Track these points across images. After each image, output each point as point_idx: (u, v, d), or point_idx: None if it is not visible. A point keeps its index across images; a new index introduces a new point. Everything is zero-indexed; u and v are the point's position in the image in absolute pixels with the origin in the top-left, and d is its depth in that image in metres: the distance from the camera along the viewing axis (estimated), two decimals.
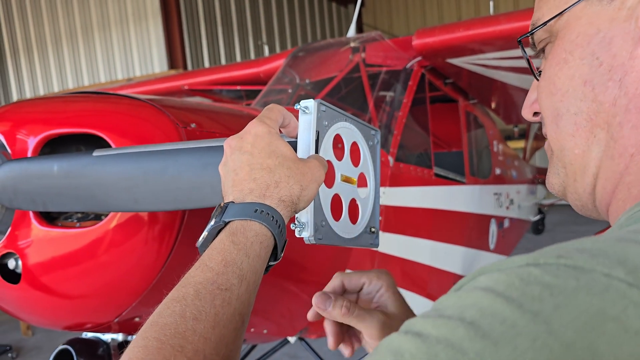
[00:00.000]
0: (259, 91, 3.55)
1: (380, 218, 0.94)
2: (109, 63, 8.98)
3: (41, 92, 9.38)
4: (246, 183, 0.72)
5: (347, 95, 3.00)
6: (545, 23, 0.62)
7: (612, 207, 0.60)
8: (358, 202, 0.89)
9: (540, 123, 0.69)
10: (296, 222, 0.77)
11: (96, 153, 0.99)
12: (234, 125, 1.51)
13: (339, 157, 0.83)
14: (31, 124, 1.31)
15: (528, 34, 0.66)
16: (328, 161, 0.80)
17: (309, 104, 0.76)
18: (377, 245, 0.93)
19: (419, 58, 2.99)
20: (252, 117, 1.69)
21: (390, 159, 2.51)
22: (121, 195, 0.97)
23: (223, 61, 9.33)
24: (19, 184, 1.10)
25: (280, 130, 0.78)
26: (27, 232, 1.31)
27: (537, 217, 8.32)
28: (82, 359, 1.54)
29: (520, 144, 9.00)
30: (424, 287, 3.04)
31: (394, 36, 3.71)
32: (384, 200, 2.42)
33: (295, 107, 0.76)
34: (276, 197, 0.71)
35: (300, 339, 3.35)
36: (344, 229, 0.84)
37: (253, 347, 3.07)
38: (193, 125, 1.29)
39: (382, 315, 0.80)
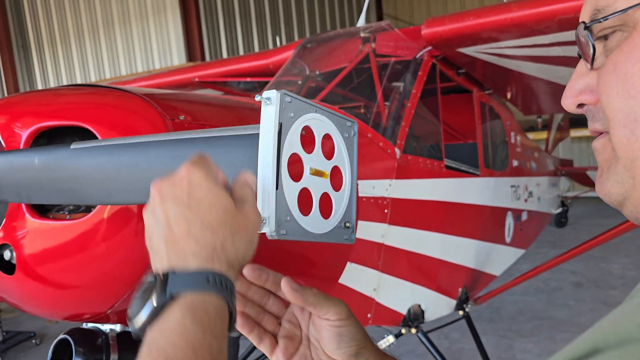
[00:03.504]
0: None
1: (356, 212, 0.92)
2: (130, 56, 9.09)
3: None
4: (185, 243, 0.63)
5: (357, 86, 2.97)
6: (624, 10, 0.54)
7: None
8: (332, 196, 0.88)
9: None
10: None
11: (74, 146, 0.99)
12: (227, 117, 1.51)
13: (309, 150, 0.82)
14: (23, 117, 1.32)
15: (601, 19, 0.57)
16: (295, 154, 0.79)
17: (272, 94, 0.75)
18: (352, 241, 0.91)
19: (429, 48, 2.94)
20: (252, 109, 1.67)
21: (397, 151, 2.48)
22: (95, 188, 0.97)
23: (241, 53, 9.36)
24: (4, 176, 1.11)
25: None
26: (21, 224, 1.32)
27: (560, 210, 8.18)
28: (80, 349, 1.56)
29: (543, 135, 8.83)
30: (435, 281, 3.01)
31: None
32: (391, 193, 2.39)
33: (256, 99, 0.75)
34: (224, 261, 0.63)
35: None
36: (314, 223, 0.82)
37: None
38: (182, 117, 1.28)
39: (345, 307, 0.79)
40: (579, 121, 11.07)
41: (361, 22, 3.50)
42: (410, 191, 2.58)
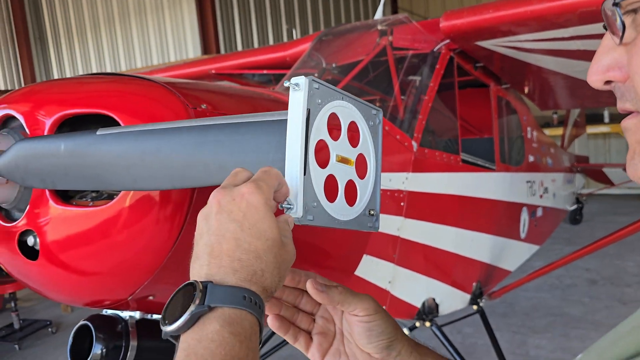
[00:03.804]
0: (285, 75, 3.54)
1: (380, 200, 0.92)
2: (145, 48, 9.14)
3: None
4: (228, 259, 0.65)
5: (374, 79, 2.97)
6: None
7: None
8: (357, 184, 0.88)
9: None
10: (286, 202, 0.76)
11: (99, 132, 1.00)
12: (246, 107, 1.51)
13: (335, 137, 0.82)
14: (47, 105, 1.33)
15: None
16: (322, 140, 0.79)
17: (300, 80, 0.75)
18: (376, 229, 0.91)
19: (447, 41, 2.93)
20: (271, 100, 1.67)
21: (414, 144, 2.47)
22: (121, 174, 0.98)
23: (256, 46, 9.37)
24: (30, 162, 1.12)
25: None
26: (44, 211, 1.34)
27: (575, 207, 8.12)
28: (101, 335, 1.57)
29: (559, 131, 8.76)
30: (449, 275, 3.01)
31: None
32: (407, 186, 2.39)
33: (285, 84, 0.75)
34: (261, 285, 0.66)
35: None
36: (339, 210, 0.83)
37: (273, 333, 3.09)
38: (204, 106, 1.29)
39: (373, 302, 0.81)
40: (595, 118, 10.96)
41: (378, 14, 3.49)
42: (427, 184, 2.58)
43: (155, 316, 1.72)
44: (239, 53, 4.23)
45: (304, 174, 0.74)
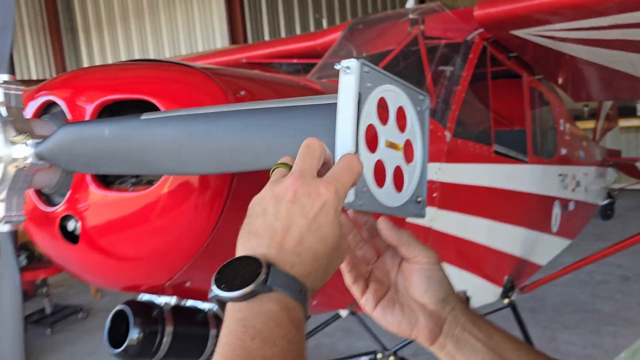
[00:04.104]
0: (315, 64, 3.53)
1: (427, 188, 0.91)
2: (174, 39, 9.21)
3: None
4: (289, 251, 0.67)
5: (405, 69, 2.93)
6: None
7: None
8: (404, 170, 0.87)
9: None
10: None
11: (144, 116, 1.00)
12: (286, 94, 1.51)
13: (384, 121, 0.80)
14: (88, 91, 1.35)
15: None
16: (371, 125, 0.77)
17: (351, 63, 0.74)
18: (423, 216, 0.90)
19: (481, 30, 2.87)
20: (305, 88, 1.66)
21: (447, 134, 2.44)
22: (168, 158, 0.98)
23: (283, 35, 9.36)
24: (74, 147, 1.13)
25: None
26: (85, 195, 1.36)
27: (606, 202, 7.95)
28: (137, 320, 1.59)
29: (590, 124, 8.58)
30: (481, 268, 2.98)
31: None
32: (440, 177, 2.36)
33: (335, 67, 0.74)
34: (311, 284, 0.68)
35: (352, 313, 3.37)
36: (388, 196, 0.81)
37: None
38: (242, 92, 1.29)
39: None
40: (628, 111, 10.70)
41: (410, 3, 3.44)
42: (459, 175, 2.55)
43: (189, 302, 1.73)
44: (270, 42, 4.24)
45: None
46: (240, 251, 0.69)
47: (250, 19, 8.61)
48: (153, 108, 1.28)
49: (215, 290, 0.64)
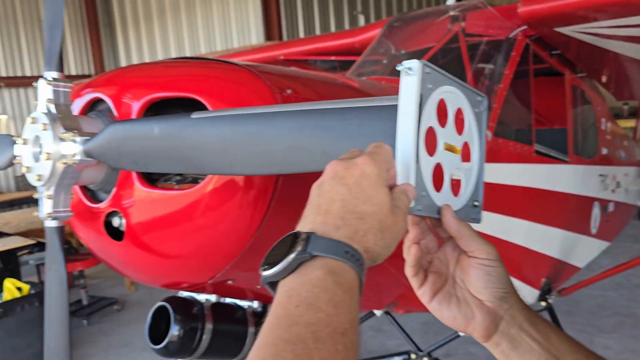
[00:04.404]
0: (353, 62, 3.50)
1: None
2: (209, 35, 9.28)
3: None
4: (332, 218, 0.66)
5: (445, 67, 2.87)
6: None
7: None
8: (461, 173, 0.84)
9: None
10: None
11: (194, 115, 1.00)
12: (328, 93, 1.49)
13: (442, 123, 0.78)
14: (135, 88, 1.35)
15: None
16: (431, 127, 0.75)
17: (413, 64, 0.72)
18: (479, 221, 0.88)
19: (524, 27, 2.80)
20: (344, 86, 1.64)
21: (489, 133, 2.39)
22: (217, 158, 0.97)
23: (318, 32, 9.34)
24: (123, 145, 1.13)
25: None
26: (130, 192, 1.36)
27: None
28: (178, 316, 1.60)
29: (629, 123, 8.35)
30: (518, 270, 2.92)
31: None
32: None
33: (397, 68, 0.72)
34: (362, 246, 0.66)
35: (386, 312, 3.34)
36: (445, 201, 0.79)
37: None
38: (289, 91, 1.28)
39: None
40: None
41: (451, 0, 3.38)
42: (500, 175, 2.50)
43: (228, 299, 1.73)
44: (308, 39, 4.22)
45: (416, 162, 0.71)
46: None
47: (285, 15, 8.62)
48: (199, 106, 1.28)
49: (263, 273, 0.65)
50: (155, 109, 1.37)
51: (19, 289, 4.15)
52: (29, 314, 4.05)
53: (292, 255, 0.62)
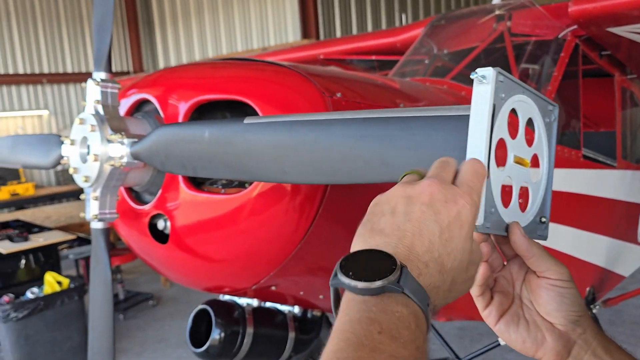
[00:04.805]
0: (392, 61, 3.44)
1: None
2: (246, 32, 9.31)
3: (184, 60, 9.98)
4: (416, 258, 0.61)
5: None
6: None
7: None
8: (529, 188, 0.79)
9: None
10: None
11: (247, 121, 0.97)
12: (377, 96, 1.45)
13: (513, 134, 0.73)
14: (182, 89, 1.33)
15: None
16: (501, 139, 0.70)
17: (487, 72, 0.67)
18: (546, 238, 0.82)
19: (574, 27, 2.70)
20: (393, 90, 1.59)
21: None
22: (270, 166, 0.94)
23: (354, 31, 9.27)
24: (171, 148, 1.12)
25: None
26: (175, 195, 1.35)
27: None
28: (219, 320, 1.59)
29: None
30: None
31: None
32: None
33: (471, 76, 0.67)
34: (433, 300, 0.62)
35: None
36: (512, 217, 0.74)
37: None
38: (338, 94, 1.24)
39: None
40: None
41: None
42: None
43: (269, 304, 1.71)
44: (347, 38, 4.18)
45: (487, 177, 0.67)
46: (361, 247, 0.64)
47: (322, 13, 8.58)
48: (245, 108, 1.26)
49: (341, 277, 0.59)
50: (199, 110, 1.35)
51: (59, 282, 4.23)
52: (68, 308, 4.13)
53: (384, 281, 0.58)
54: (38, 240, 4.87)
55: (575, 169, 2.72)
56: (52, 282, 4.22)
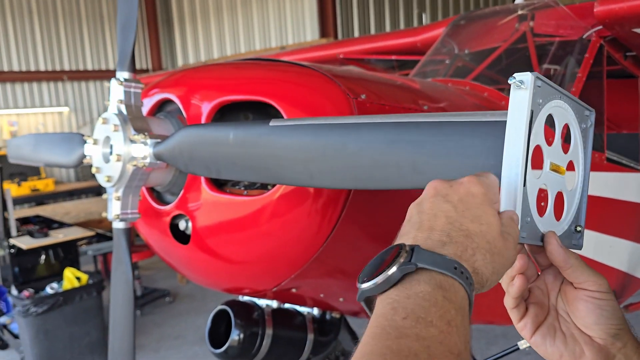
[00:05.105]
0: (412, 61, 3.41)
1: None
2: (264, 31, 9.32)
3: (202, 59, 10.01)
4: (437, 234, 0.61)
5: (510, 69, 2.77)
6: None
7: None
8: (564, 195, 0.77)
9: None
10: None
11: (272, 123, 0.96)
12: (400, 98, 1.43)
13: (549, 141, 0.71)
14: (206, 90, 1.33)
15: None
16: (538, 146, 0.68)
17: (525, 77, 0.65)
18: (581, 247, 0.80)
19: (599, 27, 2.66)
20: (415, 91, 1.56)
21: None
22: (296, 169, 0.92)
23: (372, 30, 9.23)
24: (195, 149, 1.11)
25: None
26: (197, 196, 1.35)
27: None
28: (239, 321, 1.58)
29: None
30: None
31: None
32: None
33: (509, 81, 0.65)
34: (471, 265, 0.59)
35: None
36: (548, 226, 0.72)
37: None
38: (363, 96, 1.22)
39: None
40: None
41: None
42: None
43: (288, 305, 1.70)
44: (367, 37, 4.15)
45: (524, 185, 0.65)
46: None
47: (340, 12, 8.56)
48: (268, 109, 1.25)
49: (360, 287, 0.59)
50: (221, 111, 1.34)
51: (78, 278, 4.27)
52: (87, 303, 4.16)
53: (394, 267, 0.57)
54: (58, 236, 4.92)
55: (598, 172, 2.67)
56: (71, 277, 4.26)
